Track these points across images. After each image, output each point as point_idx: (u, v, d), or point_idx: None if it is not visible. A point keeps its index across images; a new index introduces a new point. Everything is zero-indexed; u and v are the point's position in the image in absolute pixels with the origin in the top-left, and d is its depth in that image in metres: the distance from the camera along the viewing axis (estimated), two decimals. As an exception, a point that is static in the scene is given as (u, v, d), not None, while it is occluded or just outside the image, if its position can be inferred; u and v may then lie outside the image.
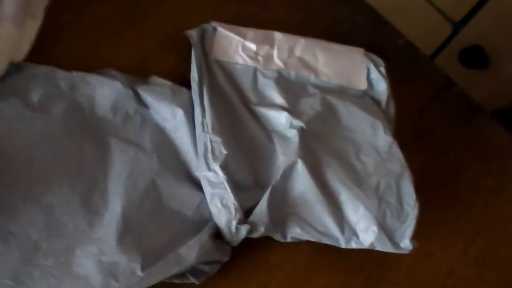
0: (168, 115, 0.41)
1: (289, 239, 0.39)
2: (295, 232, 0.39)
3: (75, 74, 0.41)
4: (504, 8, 0.78)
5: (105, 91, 0.40)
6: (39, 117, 0.38)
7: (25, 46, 0.39)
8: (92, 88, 0.40)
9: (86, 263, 0.34)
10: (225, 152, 0.38)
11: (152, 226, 0.37)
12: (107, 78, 0.41)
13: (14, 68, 0.40)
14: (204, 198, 0.38)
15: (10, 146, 0.36)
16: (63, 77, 0.40)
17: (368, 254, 0.41)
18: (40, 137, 0.37)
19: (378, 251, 0.41)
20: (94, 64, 0.42)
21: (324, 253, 0.40)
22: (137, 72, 0.43)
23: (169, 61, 0.45)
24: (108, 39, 0.45)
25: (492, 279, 0.44)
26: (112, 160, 0.38)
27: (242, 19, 0.49)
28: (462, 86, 0.53)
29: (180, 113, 0.40)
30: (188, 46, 0.44)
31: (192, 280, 0.36)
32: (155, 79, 0.43)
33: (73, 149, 0.38)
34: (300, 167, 0.39)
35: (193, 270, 0.37)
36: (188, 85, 0.42)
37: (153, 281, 0.35)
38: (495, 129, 0.52)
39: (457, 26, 0.84)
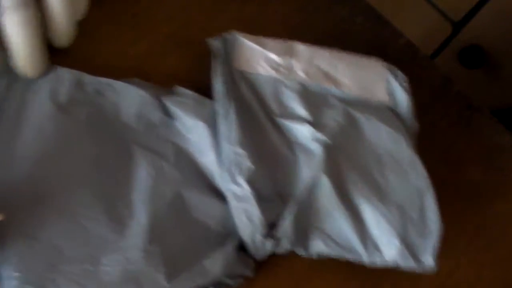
0: (192, 126, 0.40)
1: (312, 254, 0.39)
2: (318, 247, 0.38)
3: (102, 80, 0.41)
4: (504, 8, 0.78)
5: (131, 99, 0.40)
6: (66, 119, 0.38)
7: None
8: (118, 95, 0.40)
9: (112, 271, 0.34)
10: (250, 165, 0.38)
11: (177, 237, 0.37)
12: (133, 86, 0.41)
13: (44, 70, 0.40)
14: (227, 209, 0.38)
15: (39, 146, 0.36)
16: (90, 82, 0.41)
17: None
18: (66, 139, 0.37)
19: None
20: (94, 65, 0.42)
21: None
22: (136, 73, 0.43)
23: (169, 61, 0.45)
24: (108, 40, 0.45)
25: (492, 279, 0.44)
26: (136, 168, 0.38)
27: (242, 19, 0.49)
28: (462, 86, 0.53)
29: (203, 124, 0.40)
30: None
31: None
32: (180, 89, 0.43)
33: (96, 155, 0.38)
34: (324, 181, 0.39)
35: (217, 283, 0.36)
36: (192, 86, 0.42)
37: None
38: (495, 129, 0.52)
39: (457, 26, 0.84)
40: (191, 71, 0.45)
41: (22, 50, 0.36)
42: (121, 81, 0.41)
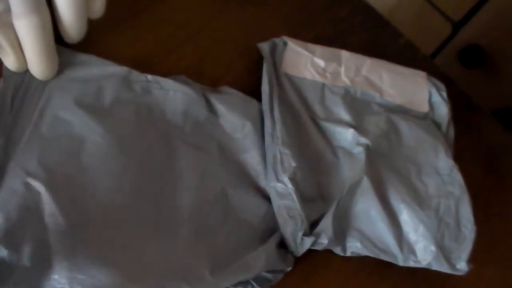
0: (237, 124, 0.41)
1: (348, 253, 0.39)
2: (355, 247, 0.39)
3: (150, 78, 0.41)
4: (503, 8, 0.78)
5: (178, 97, 0.41)
6: (113, 118, 0.38)
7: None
8: (165, 93, 0.41)
9: (158, 264, 0.34)
10: (294, 164, 0.39)
11: (220, 233, 0.37)
12: (180, 84, 0.41)
13: (89, 62, 0.40)
14: (270, 207, 0.39)
15: (85, 146, 0.36)
16: (138, 80, 0.41)
17: (367, 259, 0.41)
18: (113, 138, 0.37)
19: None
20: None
21: (323, 253, 0.40)
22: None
23: (169, 61, 0.45)
24: (108, 39, 0.44)
25: (492, 279, 0.44)
26: (181, 165, 0.38)
27: (242, 19, 0.49)
28: (462, 86, 0.53)
29: (249, 123, 0.41)
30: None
31: (256, 287, 0.37)
32: (225, 88, 0.43)
33: (143, 152, 0.38)
34: (366, 183, 0.40)
35: (257, 278, 0.37)
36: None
37: (221, 287, 0.35)
38: (495, 129, 0.52)
39: (457, 26, 0.84)
40: (190, 71, 0.45)
41: (35, 55, 0.36)
42: (168, 78, 0.41)
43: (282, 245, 0.39)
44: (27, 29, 0.34)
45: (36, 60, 0.36)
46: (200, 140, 0.40)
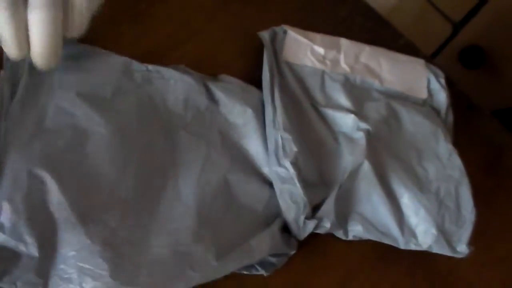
0: (238, 111, 0.41)
1: (350, 237, 0.40)
2: (357, 231, 0.40)
3: (150, 67, 0.41)
4: (503, 8, 0.78)
5: (178, 86, 0.41)
6: (115, 108, 0.38)
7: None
8: (166, 82, 0.41)
9: (162, 252, 0.35)
10: (295, 149, 0.39)
11: (224, 219, 0.37)
12: (180, 73, 0.42)
13: (90, 52, 0.40)
14: (272, 193, 0.40)
15: (88, 135, 0.37)
16: (139, 70, 0.41)
17: (367, 254, 0.41)
18: (116, 127, 0.37)
19: (375, 252, 0.41)
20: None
21: (323, 253, 0.40)
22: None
23: (169, 61, 0.45)
24: (107, 39, 0.44)
25: (492, 279, 0.44)
26: (183, 154, 0.39)
27: (242, 19, 0.49)
28: (462, 86, 0.53)
29: (249, 110, 0.41)
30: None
31: (261, 271, 0.37)
32: (225, 76, 0.44)
33: (145, 142, 0.38)
34: (367, 168, 0.41)
35: (262, 262, 0.38)
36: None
37: (226, 272, 0.36)
38: (495, 129, 0.52)
39: (457, 26, 0.84)
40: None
41: (43, 47, 0.36)
42: (168, 68, 0.42)
43: (286, 229, 0.39)
44: (41, 22, 0.34)
45: (43, 52, 0.36)
46: (201, 129, 0.40)
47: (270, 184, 0.40)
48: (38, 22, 0.34)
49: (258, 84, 0.44)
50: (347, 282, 0.40)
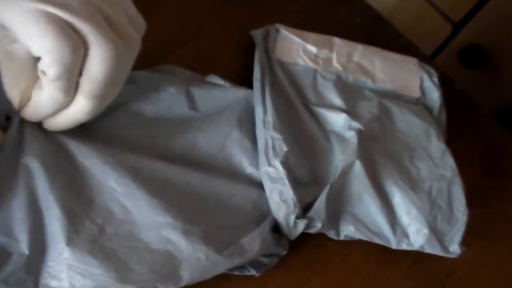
0: (219, 116, 0.41)
1: (342, 237, 0.40)
2: (349, 230, 0.40)
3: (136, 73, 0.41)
4: (504, 8, 0.78)
5: (158, 96, 0.41)
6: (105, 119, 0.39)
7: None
8: (148, 91, 0.41)
9: (152, 250, 0.35)
10: (285, 148, 0.39)
11: (215, 220, 0.37)
12: (163, 81, 0.41)
13: None
14: (262, 193, 0.39)
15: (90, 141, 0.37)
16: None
17: (367, 255, 0.41)
18: (107, 155, 0.37)
19: (375, 252, 0.41)
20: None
21: (323, 253, 0.40)
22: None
23: (168, 61, 0.45)
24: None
25: (492, 279, 0.44)
26: (168, 159, 0.39)
27: (241, 19, 0.49)
28: (462, 86, 0.53)
29: (231, 113, 0.41)
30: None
31: (252, 272, 0.37)
32: (213, 78, 0.43)
33: (133, 141, 0.39)
34: (358, 167, 0.40)
35: (253, 262, 0.38)
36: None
37: (216, 272, 0.36)
38: (495, 129, 0.52)
39: (457, 26, 0.84)
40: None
41: (57, 126, 0.36)
42: (154, 72, 0.42)
43: (277, 229, 0.39)
44: (79, 110, 0.34)
45: (52, 127, 0.36)
46: (183, 135, 0.40)
47: (258, 184, 0.40)
48: (77, 109, 0.34)
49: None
50: (347, 282, 0.40)
